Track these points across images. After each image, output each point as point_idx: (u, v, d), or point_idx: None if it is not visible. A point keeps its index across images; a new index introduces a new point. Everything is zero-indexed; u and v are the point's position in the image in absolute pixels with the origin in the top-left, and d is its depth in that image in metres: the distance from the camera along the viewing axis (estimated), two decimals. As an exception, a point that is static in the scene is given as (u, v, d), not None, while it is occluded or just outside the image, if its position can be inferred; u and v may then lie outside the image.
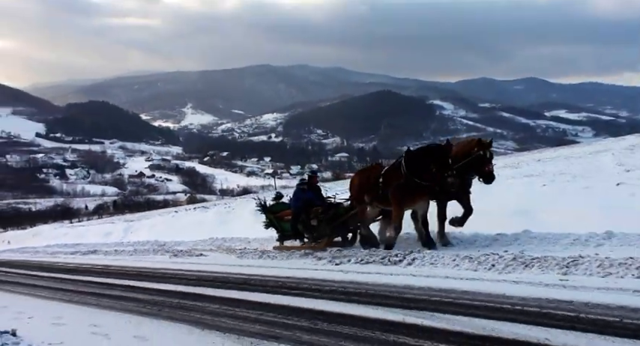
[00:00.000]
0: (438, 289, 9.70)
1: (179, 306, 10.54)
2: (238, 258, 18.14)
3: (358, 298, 9.65)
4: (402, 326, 7.55)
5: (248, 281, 12.91)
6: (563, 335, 6.58)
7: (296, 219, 17.20)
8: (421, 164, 13.88)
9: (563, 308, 7.74)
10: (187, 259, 19.71)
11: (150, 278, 15.64)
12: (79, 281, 16.72)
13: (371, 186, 15.01)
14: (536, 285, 9.27)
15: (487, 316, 7.72)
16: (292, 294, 10.69)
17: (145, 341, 7.93)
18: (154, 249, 24.82)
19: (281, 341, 7.25)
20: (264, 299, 10.46)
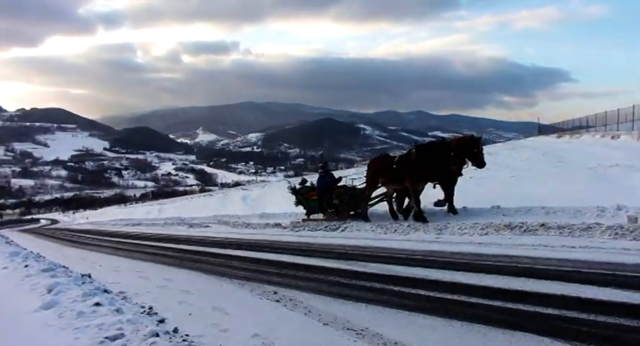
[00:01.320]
0: (360, 246, 9.70)
1: (192, 260, 10.37)
2: (232, 228, 17.99)
3: (310, 253, 9.57)
4: (338, 270, 7.50)
5: (237, 243, 12.79)
6: (437, 273, 6.62)
7: (321, 199, 15.44)
8: (427, 155, 12.38)
9: (437, 256, 7.83)
10: (198, 229, 19.51)
11: (174, 241, 15.42)
12: (129, 243, 16.43)
13: (386, 170, 13.29)
14: (421, 242, 9.37)
15: (390, 262, 7.75)
16: (266, 251, 10.56)
17: (170, 282, 7.80)
18: (177, 222, 24.50)
19: (259, 282, 7.16)
20: (247, 254, 10.32)
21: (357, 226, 12.50)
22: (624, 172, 13.41)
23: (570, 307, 4.64)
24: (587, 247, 7.17)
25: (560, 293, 5.08)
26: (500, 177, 16.20)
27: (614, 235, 7.56)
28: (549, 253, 7.07)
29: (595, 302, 4.73)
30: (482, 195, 13.27)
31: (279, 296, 6.12)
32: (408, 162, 12.72)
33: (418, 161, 12.39)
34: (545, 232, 8.48)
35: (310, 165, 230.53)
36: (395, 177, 12.99)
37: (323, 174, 15.99)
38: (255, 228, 16.42)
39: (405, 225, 11.20)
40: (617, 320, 4.22)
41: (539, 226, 8.70)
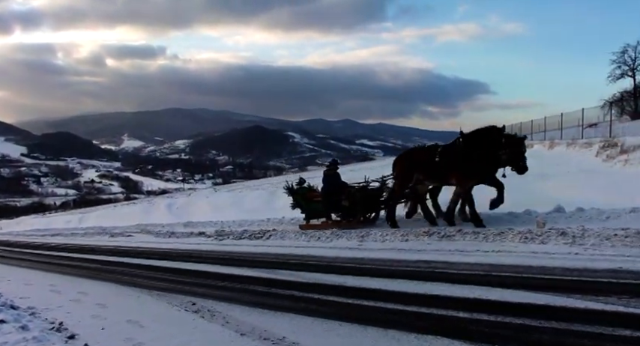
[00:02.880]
0: (283, 254, 9.63)
1: (111, 271, 9.97)
2: (155, 237, 17.46)
3: (232, 262, 9.41)
4: (259, 279, 7.43)
5: (159, 252, 12.40)
6: (356, 280, 6.68)
7: (328, 200, 13.13)
8: (478, 144, 10.35)
9: (357, 263, 7.91)
10: (120, 238, 18.74)
11: (93, 251, 14.76)
12: (45, 255, 15.56)
13: (425, 164, 11.12)
14: (344, 249, 9.41)
15: (312, 270, 7.77)
16: (188, 261, 10.30)
17: (85, 295, 7.47)
18: (99, 232, 23.47)
19: (179, 293, 6.98)
20: (168, 265, 10.00)
21: (282, 234, 12.43)
22: (535, 180, 14.05)
23: (480, 309, 4.79)
24: (499, 251, 7.45)
25: (472, 297, 5.24)
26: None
27: (524, 239, 7.90)
28: (464, 258, 7.28)
29: (503, 304, 4.91)
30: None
31: (197, 307, 5.98)
32: (454, 153, 10.70)
33: (468, 152, 10.42)
34: (461, 237, 8.74)
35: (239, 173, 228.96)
36: (437, 172, 10.96)
37: (331, 172, 13.69)
38: (178, 238, 16.00)
39: (329, 233, 11.22)
40: (521, 320, 4.39)
41: (456, 232, 8.98)
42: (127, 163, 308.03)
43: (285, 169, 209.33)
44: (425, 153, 11.58)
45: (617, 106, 41.66)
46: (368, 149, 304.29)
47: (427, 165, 11.11)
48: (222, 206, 24.00)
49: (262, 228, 14.17)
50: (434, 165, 10.90)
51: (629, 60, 42.05)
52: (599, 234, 7.43)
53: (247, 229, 14.64)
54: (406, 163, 11.82)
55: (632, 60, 41.96)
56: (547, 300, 4.86)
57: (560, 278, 5.71)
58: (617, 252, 6.61)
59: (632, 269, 5.65)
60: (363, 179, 13.67)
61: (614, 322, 4.14)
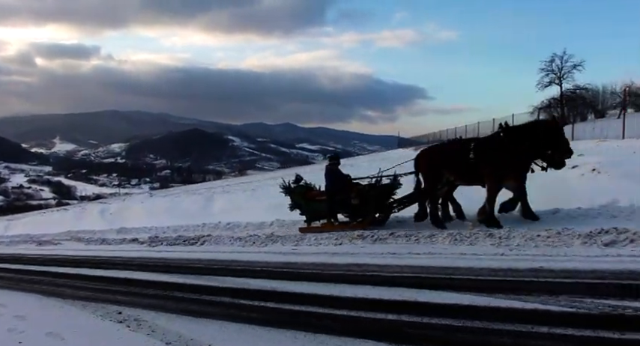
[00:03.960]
0: (217, 260, 9.48)
1: (34, 281, 9.54)
2: (85, 244, 16.86)
3: (164, 269, 9.20)
4: (189, 286, 7.29)
5: (88, 260, 11.96)
6: (289, 284, 6.68)
7: (333, 199, 11.57)
8: (521, 139, 9.15)
9: (291, 267, 7.87)
10: (48, 247, 17.99)
11: (17, 261, 14.08)
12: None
13: (456, 162, 9.83)
14: (278, 254, 9.35)
15: (244, 275, 7.67)
16: (117, 269, 9.97)
17: (3, 307, 7.10)
18: (25, 240, 22.48)
19: (104, 302, 6.76)
20: (96, 273, 9.66)
21: (216, 240, 12.25)
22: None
23: (408, 311, 4.86)
24: (429, 253, 7.59)
25: (401, 299, 5.31)
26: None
27: (454, 241, 8.09)
28: (396, 260, 7.37)
29: (430, 306, 4.99)
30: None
31: (123, 316, 5.79)
32: (493, 149, 9.48)
33: (509, 148, 9.19)
34: (394, 240, 8.87)
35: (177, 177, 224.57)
36: (471, 171, 9.61)
37: (335, 167, 12.09)
38: (110, 244, 15.51)
39: (264, 237, 11.14)
40: (447, 321, 4.49)
41: (389, 235, 9.10)
42: (59, 167, 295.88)
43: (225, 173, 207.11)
44: (455, 148, 10.27)
45: (545, 112, 43.67)
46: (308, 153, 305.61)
47: (459, 163, 9.79)
48: (158, 211, 23.41)
49: (197, 234, 13.92)
50: (467, 163, 9.59)
51: (557, 68, 44.10)
52: (524, 235, 7.70)
53: (182, 235, 14.36)
54: (434, 160, 10.46)
55: (559, 69, 44.04)
56: (472, 301, 4.98)
57: (485, 278, 5.86)
58: (539, 252, 6.85)
59: (552, 268, 5.86)
60: (366, 174, 12.42)
61: (533, 320, 4.28)
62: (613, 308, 4.38)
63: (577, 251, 6.75)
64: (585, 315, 4.31)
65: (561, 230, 7.65)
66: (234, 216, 15.96)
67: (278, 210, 15.81)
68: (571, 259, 6.29)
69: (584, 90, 44.13)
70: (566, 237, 7.35)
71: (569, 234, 7.41)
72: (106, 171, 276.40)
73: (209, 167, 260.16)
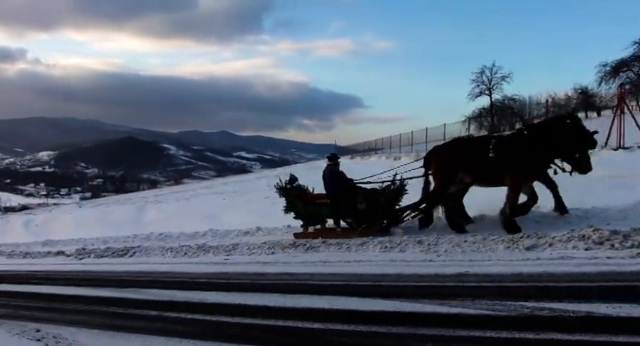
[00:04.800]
0: (146, 272, 9.25)
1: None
2: (7, 258, 16.02)
3: (88, 283, 8.90)
4: (114, 299, 7.07)
5: (7, 276, 11.35)
6: (218, 295, 6.58)
7: (337, 202, 10.68)
8: (545, 136, 8.55)
9: (222, 277, 7.79)
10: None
11: None
12: None
13: (473, 161, 9.04)
14: (210, 264, 9.22)
15: (173, 287, 7.51)
16: (39, 283, 9.55)
17: None
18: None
19: (22, 319, 6.43)
20: (15, 288, 9.21)
21: (147, 251, 11.93)
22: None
23: (335, 320, 4.89)
24: (360, 261, 7.67)
25: (329, 307, 5.34)
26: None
27: (384, 248, 8.22)
28: (327, 268, 7.42)
29: (357, 313, 5.05)
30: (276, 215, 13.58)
31: (42, 334, 5.53)
32: (515, 147, 8.74)
33: (533, 146, 8.55)
34: (326, 248, 8.92)
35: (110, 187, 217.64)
36: (491, 171, 8.85)
37: (335, 168, 11.19)
38: (35, 258, 14.79)
39: (196, 248, 10.95)
40: (373, 328, 4.54)
41: (321, 243, 9.15)
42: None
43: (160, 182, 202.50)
44: (473, 146, 9.50)
45: (476, 122, 45.35)
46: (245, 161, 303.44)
47: (477, 163, 9.00)
48: (87, 222, 22.61)
49: (127, 245, 13.50)
50: (487, 163, 8.83)
51: (487, 80, 46.09)
52: (452, 241, 7.93)
53: (111, 246, 13.88)
54: (449, 159, 9.56)
55: (488, 80, 46.02)
56: (398, 307, 5.07)
57: (412, 284, 6.00)
58: (465, 258, 7.07)
59: (477, 273, 6.06)
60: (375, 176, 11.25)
61: (455, 323, 4.40)
62: (530, 309, 4.57)
63: (500, 255, 7.01)
64: (504, 317, 4.47)
65: (486, 235, 7.94)
66: (167, 227, 15.66)
67: (212, 219, 15.68)
68: (495, 263, 6.52)
69: (512, 100, 46.29)
70: (491, 242, 7.62)
71: (494, 239, 7.69)
72: (33, 180, 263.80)
73: (143, 176, 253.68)
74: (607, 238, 6.91)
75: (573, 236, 7.23)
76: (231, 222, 14.82)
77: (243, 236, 12.40)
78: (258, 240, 10.96)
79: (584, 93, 43.86)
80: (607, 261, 6.09)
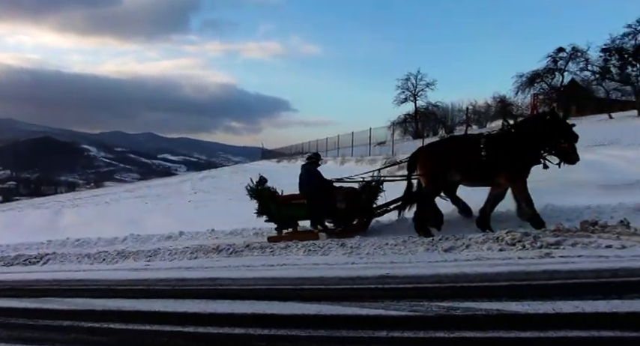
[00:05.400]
0: (62, 280, 8.78)
1: None
2: None
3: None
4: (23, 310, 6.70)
5: None
6: (138, 303, 6.39)
7: (314, 203, 10.33)
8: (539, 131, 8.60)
9: (142, 284, 7.56)
10: None
11: None
12: None
13: (465, 162, 8.87)
14: (129, 270, 8.93)
15: (90, 296, 7.20)
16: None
17: None
18: None
19: None
20: None
21: (62, 257, 11.38)
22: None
23: (257, 324, 4.87)
24: (284, 264, 7.68)
25: (251, 312, 5.31)
26: (218, 200, 16.63)
27: (308, 251, 8.28)
28: (250, 273, 7.37)
29: (279, 317, 5.05)
30: (201, 219, 13.41)
31: (-62, 351, 5.17)
32: (506, 145, 8.70)
33: (523, 142, 8.62)
34: (249, 253, 8.87)
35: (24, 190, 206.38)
36: (482, 170, 8.77)
37: (312, 167, 10.92)
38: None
39: (115, 254, 10.57)
40: (294, 332, 4.57)
41: (245, 247, 9.09)
42: None
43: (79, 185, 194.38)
44: (463, 146, 9.36)
45: (401, 127, 46.58)
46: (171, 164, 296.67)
47: (468, 162, 8.89)
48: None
49: (41, 252, 12.81)
50: (478, 162, 8.77)
51: (412, 86, 47.46)
52: (374, 244, 8.09)
53: (23, 253, 13.13)
54: (439, 158, 9.26)
55: (413, 86, 47.41)
56: (319, 310, 5.10)
57: (334, 287, 6.06)
58: (387, 260, 7.22)
59: (397, 275, 6.21)
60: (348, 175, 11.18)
61: (374, 325, 4.49)
62: (446, 309, 4.72)
63: (421, 257, 7.21)
64: (421, 318, 4.60)
65: (407, 238, 8.15)
66: (85, 232, 14.98)
67: (133, 224, 15.19)
68: (415, 265, 6.70)
69: (435, 107, 47.87)
70: (411, 244, 7.84)
71: (415, 242, 7.92)
72: None
73: (61, 178, 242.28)
74: (519, 239, 7.27)
75: (488, 238, 7.58)
76: (153, 226, 14.40)
77: (165, 241, 12.09)
78: (181, 244, 10.74)
79: (502, 101, 46.03)
80: (519, 261, 6.41)
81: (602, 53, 34.62)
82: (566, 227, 7.91)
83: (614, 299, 4.61)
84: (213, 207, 15.27)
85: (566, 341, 3.87)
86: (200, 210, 14.60)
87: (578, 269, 5.79)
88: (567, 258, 6.39)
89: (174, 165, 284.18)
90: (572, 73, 37.85)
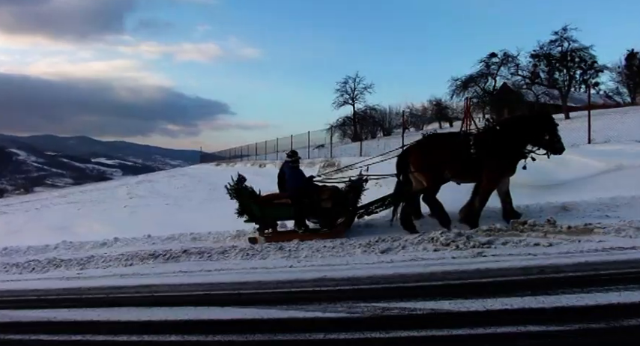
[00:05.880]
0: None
1: None
2: None
3: None
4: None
5: None
6: (66, 313, 6.14)
7: (300, 202, 10.02)
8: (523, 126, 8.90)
9: (74, 293, 7.32)
10: None
11: None
12: None
13: (458, 159, 8.99)
14: (61, 279, 8.61)
15: (18, 306, 6.92)
16: None
17: None
18: None
19: None
20: None
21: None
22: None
23: (192, 331, 4.81)
24: (221, 269, 7.62)
25: (187, 318, 5.23)
26: (155, 205, 16.29)
27: (246, 256, 8.23)
28: (187, 279, 7.27)
29: (215, 323, 5.00)
30: (137, 225, 13.09)
31: None
32: (494, 142, 8.90)
33: (509, 138, 8.84)
34: (187, 258, 8.73)
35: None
36: (472, 167, 8.91)
37: (295, 165, 10.58)
38: None
39: (45, 262, 10.16)
40: (231, 337, 4.53)
41: (182, 253, 8.95)
42: None
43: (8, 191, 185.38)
44: (454, 142, 9.40)
45: (340, 130, 47.04)
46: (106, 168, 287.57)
47: (460, 159, 9.03)
48: None
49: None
50: (469, 159, 8.94)
51: (350, 90, 48.03)
52: (311, 247, 8.14)
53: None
54: (433, 156, 9.28)
55: (352, 90, 47.99)
56: (257, 314, 5.09)
57: (272, 291, 6.07)
58: (325, 262, 7.30)
59: (334, 277, 6.28)
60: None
61: (311, 328, 4.52)
62: (382, 310, 4.81)
63: (358, 259, 7.32)
64: (357, 319, 4.66)
65: (345, 240, 8.25)
66: (13, 240, 14.34)
67: (65, 231, 14.67)
68: (352, 267, 6.79)
69: (373, 110, 48.61)
70: (349, 246, 7.94)
71: (352, 244, 8.02)
72: None
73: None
74: (452, 240, 7.49)
75: (424, 238, 7.78)
76: (86, 233, 13.97)
77: (99, 248, 11.70)
78: (116, 251, 10.47)
79: (438, 104, 47.38)
80: (452, 261, 6.61)
81: (531, 59, 36.27)
82: (498, 227, 8.22)
83: (541, 295, 4.83)
84: (149, 212, 14.93)
85: (495, 337, 4.02)
86: (136, 215, 14.25)
87: (508, 267, 6.03)
88: (498, 256, 6.65)
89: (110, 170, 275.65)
90: (503, 78, 39.40)
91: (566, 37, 34.25)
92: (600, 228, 7.53)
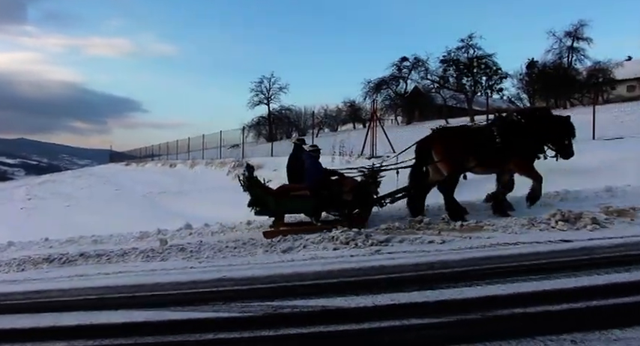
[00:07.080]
0: None
1: None
2: None
3: None
4: None
5: None
6: None
7: (319, 195, 9.52)
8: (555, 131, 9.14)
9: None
10: None
11: None
12: None
13: (482, 149, 9.05)
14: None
15: None
16: None
17: None
18: None
19: None
20: None
21: None
22: (172, 198, 14.61)
23: (81, 336, 4.67)
24: (119, 272, 7.44)
25: (77, 323, 5.07)
26: (55, 207, 15.61)
27: (146, 258, 8.10)
28: (82, 283, 7.04)
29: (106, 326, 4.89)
30: (33, 228, 12.48)
31: None
32: (519, 132, 9.11)
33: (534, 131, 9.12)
34: (84, 261, 8.47)
35: None
36: (497, 157, 9.13)
37: (317, 155, 10.22)
38: None
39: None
40: (119, 341, 4.47)
41: (79, 256, 8.66)
42: None
43: None
44: (478, 133, 9.51)
45: (255, 130, 46.91)
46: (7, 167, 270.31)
47: (484, 149, 9.15)
48: None
49: None
50: (494, 149, 9.11)
51: (265, 90, 47.94)
52: (214, 247, 8.14)
53: None
54: (456, 145, 9.38)
55: (267, 90, 47.92)
56: (150, 317, 5.03)
57: (169, 293, 6.01)
58: (226, 263, 7.32)
59: (234, 277, 6.32)
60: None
61: (203, 328, 4.54)
62: (274, 308, 4.92)
63: (259, 259, 7.41)
64: (249, 318, 4.75)
65: (247, 240, 8.30)
66: None
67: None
68: (252, 267, 6.87)
69: (288, 110, 48.81)
70: (250, 246, 8.01)
71: (254, 244, 8.11)
72: None
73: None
74: (352, 238, 7.75)
75: (324, 237, 7.98)
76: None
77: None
78: (7, 256, 9.94)
79: (352, 106, 48.25)
80: (350, 259, 6.83)
81: (441, 64, 37.85)
82: (397, 225, 8.57)
83: (426, 290, 5.12)
84: (49, 214, 14.26)
85: (379, 331, 4.23)
86: (34, 217, 13.58)
87: (401, 264, 6.33)
88: (394, 253, 6.96)
89: (11, 169, 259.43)
90: (414, 81, 40.85)
91: (471, 45, 36.05)
92: (490, 225, 8.06)
